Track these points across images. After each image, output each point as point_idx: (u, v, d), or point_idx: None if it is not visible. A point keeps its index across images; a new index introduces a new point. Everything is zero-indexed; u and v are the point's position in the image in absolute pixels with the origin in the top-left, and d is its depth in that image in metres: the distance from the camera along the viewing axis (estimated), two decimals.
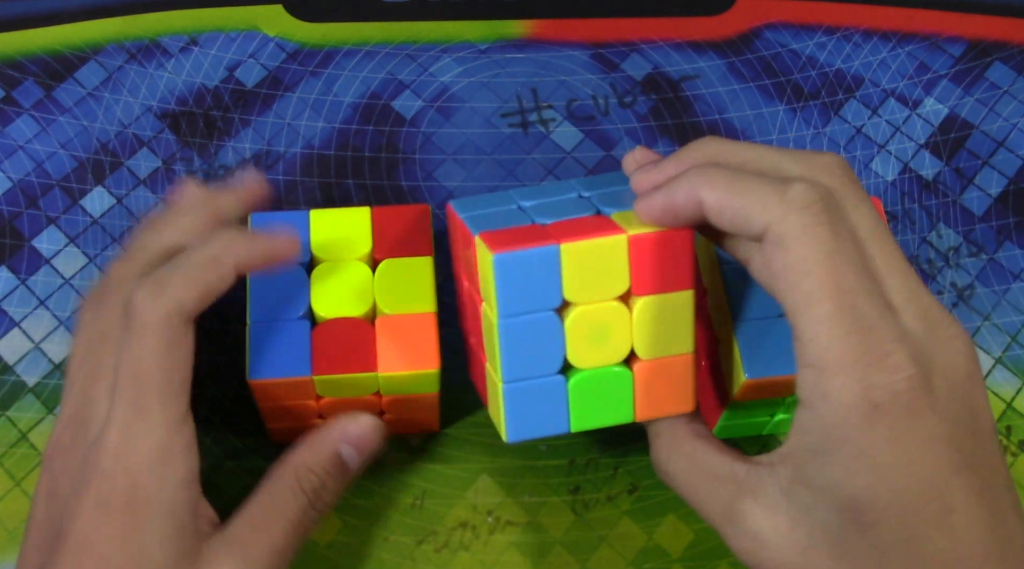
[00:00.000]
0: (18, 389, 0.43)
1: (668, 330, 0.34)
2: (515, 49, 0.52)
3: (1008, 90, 0.51)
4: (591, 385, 0.34)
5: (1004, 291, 0.47)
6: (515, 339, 0.33)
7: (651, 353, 0.34)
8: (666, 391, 0.35)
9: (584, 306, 0.33)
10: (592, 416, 0.34)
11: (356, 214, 0.39)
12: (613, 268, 0.33)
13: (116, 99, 0.50)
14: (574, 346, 0.34)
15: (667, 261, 0.34)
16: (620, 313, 0.34)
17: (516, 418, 0.34)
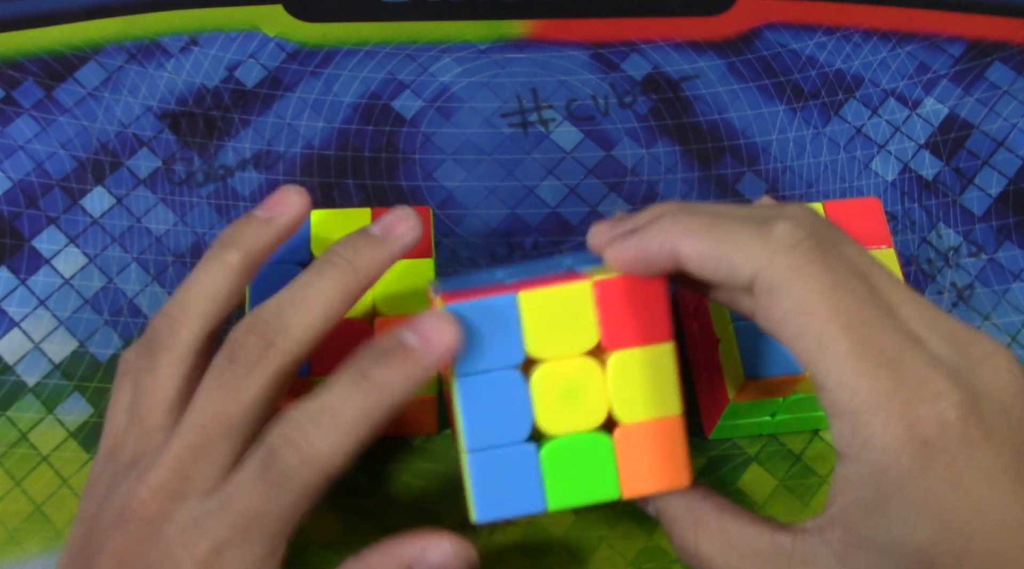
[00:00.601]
0: (18, 389, 0.43)
1: (648, 388, 0.30)
2: (515, 49, 0.52)
3: (1008, 90, 0.51)
4: (566, 454, 0.30)
5: (1004, 291, 0.47)
6: (476, 400, 0.30)
7: (631, 416, 0.31)
8: (655, 461, 0.31)
9: (550, 362, 0.30)
10: (571, 491, 0.30)
11: (357, 215, 0.39)
12: (579, 318, 0.30)
13: (116, 99, 0.50)
14: (543, 408, 0.30)
15: (640, 309, 0.30)
16: (591, 369, 0.30)
17: (485, 493, 0.30)
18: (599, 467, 0.30)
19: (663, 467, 0.31)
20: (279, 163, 0.48)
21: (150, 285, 0.45)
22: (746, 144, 0.49)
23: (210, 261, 0.34)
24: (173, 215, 0.47)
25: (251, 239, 0.35)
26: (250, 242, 0.35)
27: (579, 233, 0.47)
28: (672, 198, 0.48)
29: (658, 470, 0.30)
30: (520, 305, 0.30)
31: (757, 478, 0.42)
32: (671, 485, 0.31)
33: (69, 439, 0.42)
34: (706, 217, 0.29)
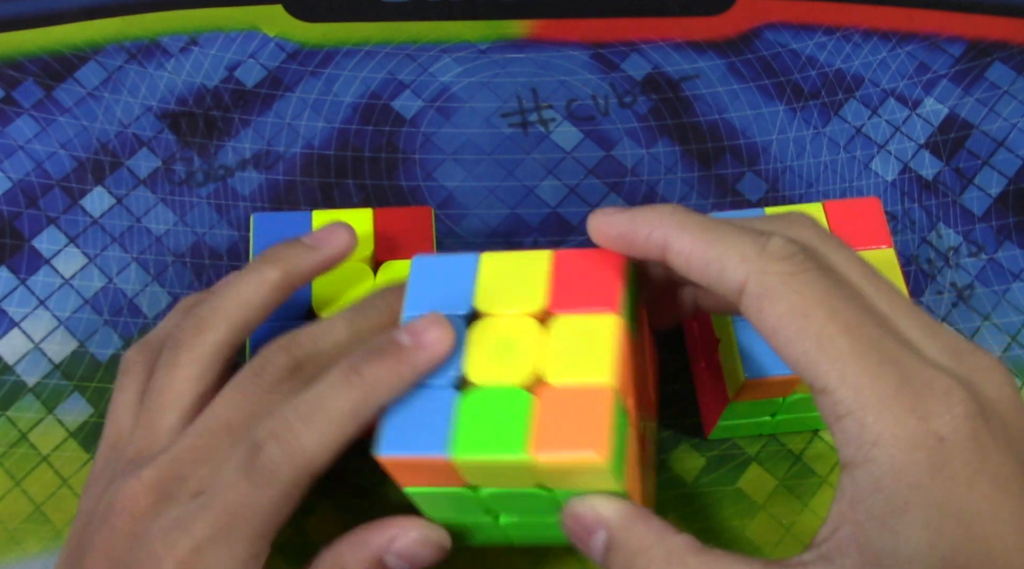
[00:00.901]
0: (18, 389, 0.43)
1: (583, 354, 0.29)
2: (515, 49, 0.52)
3: (1008, 90, 0.51)
4: (484, 405, 0.29)
5: (1004, 291, 0.47)
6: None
7: (558, 377, 0.29)
8: (573, 425, 0.28)
9: (492, 317, 0.30)
10: (478, 442, 0.28)
11: (358, 215, 0.39)
12: (532, 282, 0.30)
13: (116, 99, 0.50)
14: (474, 358, 0.29)
15: (593, 279, 0.30)
16: (530, 328, 0.30)
17: (394, 429, 0.29)
18: (513, 423, 0.28)
19: (580, 432, 0.27)
20: (279, 163, 0.48)
21: (150, 285, 0.45)
22: (746, 144, 0.49)
23: (248, 273, 0.35)
24: (173, 215, 0.47)
25: (293, 260, 0.35)
26: (292, 263, 0.35)
27: (579, 233, 0.47)
28: (672, 198, 0.48)
29: (573, 434, 0.27)
30: (480, 264, 0.31)
31: (757, 478, 0.42)
32: (584, 449, 0.27)
33: (69, 439, 0.42)
34: (703, 218, 0.28)
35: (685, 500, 0.42)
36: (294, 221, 0.39)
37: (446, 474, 0.29)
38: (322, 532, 0.41)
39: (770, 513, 0.42)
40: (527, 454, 0.27)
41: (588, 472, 0.28)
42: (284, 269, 0.35)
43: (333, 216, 0.39)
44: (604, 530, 0.28)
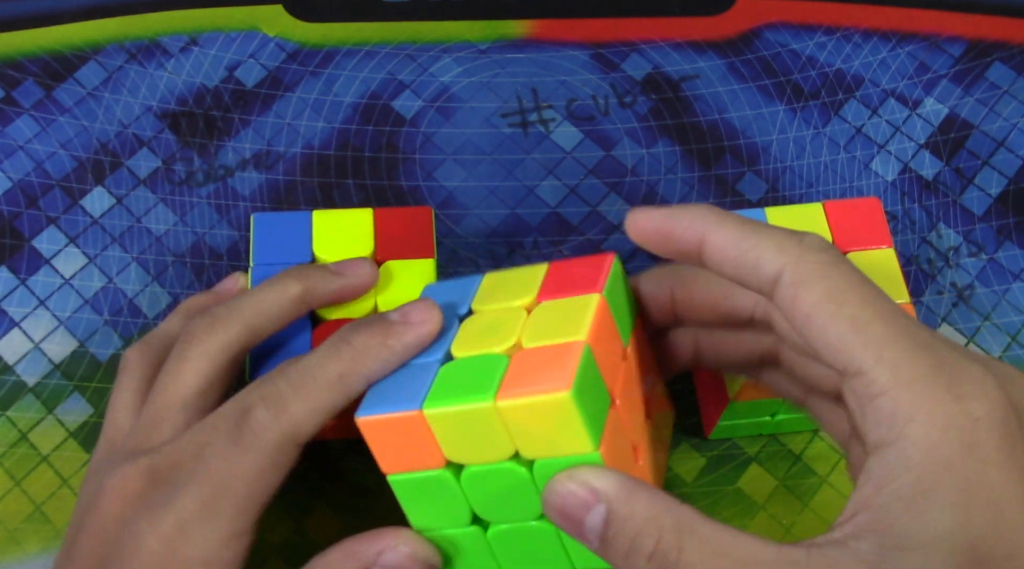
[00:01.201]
0: (18, 389, 0.43)
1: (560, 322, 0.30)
2: (515, 49, 0.52)
3: (1008, 90, 0.51)
4: (462, 368, 0.30)
5: (1004, 291, 0.47)
6: None
7: (535, 341, 0.29)
8: (540, 371, 0.28)
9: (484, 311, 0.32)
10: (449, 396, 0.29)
11: (359, 215, 0.39)
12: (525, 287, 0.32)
13: (116, 99, 0.50)
14: (461, 339, 0.31)
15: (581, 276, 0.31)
16: (516, 314, 0.31)
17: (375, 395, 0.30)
18: (485, 380, 0.28)
19: (546, 377, 0.27)
20: (279, 163, 0.48)
21: (150, 285, 0.45)
22: (746, 144, 0.49)
23: (271, 283, 0.35)
24: (173, 215, 0.47)
25: (315, 281, 0.36)
26: (314, 283, 0.36)
27: (579, 233, 0.47)
28: (672, 198, 0.48)
29: (539, 379, 0.27)
30: (482, 280, 0.33)
31: (757, 478, 0.42)
32: (548, 389, 0.27)
33: (69, 439, 0.42)
34: (739, 216, 0.29)
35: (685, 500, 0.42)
36: (294, 221, 0.39)
37: (423, 446, 0.29)
38: (322, 532, 0.41)
39: (770, 513, 0.42)
40: (493, 401, 0.27)
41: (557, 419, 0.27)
42: (306, 287, 0.35)
43: (333, 216, 0.39)
44: (602, 504, 0.27)
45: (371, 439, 0.30)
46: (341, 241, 0.39)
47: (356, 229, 0.39)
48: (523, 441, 0.28)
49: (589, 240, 0.47)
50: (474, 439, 0.29)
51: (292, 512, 0.41)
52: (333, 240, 0.39)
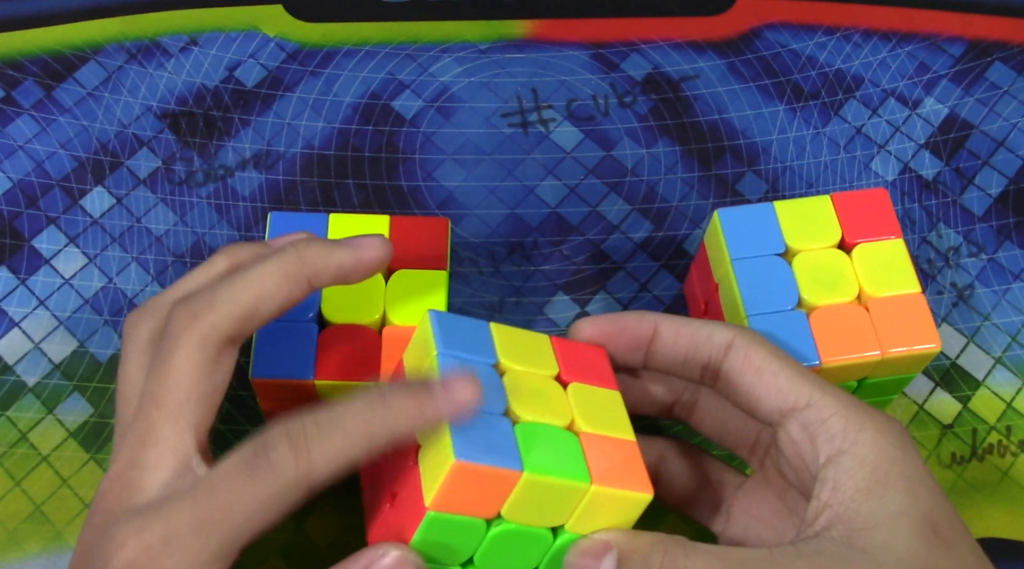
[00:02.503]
0: (18, 389, 0.43)
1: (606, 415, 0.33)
2: (515, 49, 0.52)
3: (1008, 90, 0.51)
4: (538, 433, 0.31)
5: (1004, 291, 0.47)
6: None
7: (591, 428, 0.32)
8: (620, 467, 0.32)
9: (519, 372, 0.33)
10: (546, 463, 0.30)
11: (375, 221, 0.39)
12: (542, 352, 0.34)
13: (116, 99, 0.50)
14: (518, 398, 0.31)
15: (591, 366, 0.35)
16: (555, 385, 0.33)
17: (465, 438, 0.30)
18: (571, 454, 0.31)
19: (628, 473, 0.31)
20: (279, 163, 0.48)
21: (150, 285, 0.45)
22: (746, 144, 0.49)
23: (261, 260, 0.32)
24: (173, 215, 0.47)
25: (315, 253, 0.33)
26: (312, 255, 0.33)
27: (579, 233, 0.47)
28: (672, 198, 0.48)
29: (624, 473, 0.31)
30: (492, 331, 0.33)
31: None
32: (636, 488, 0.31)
33: (69, 439, 0.42)
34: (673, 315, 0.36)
35: None
36: (310, 222, 0.38)
37: (491, 498, 0.30)
38: (322, 532, 0.41)
39: None
40: (591, 483, 0.30)
41: (626, 511, 0.32)
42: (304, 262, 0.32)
43: (350, 220, 0.38)
44: (613, 549, 0.31)
45: (453, 480, 0.29)
46: None
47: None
48: (581, 519, 0.31)
49: (589, 240, 0.47)
50: (543, 506, 0.31)
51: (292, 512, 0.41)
52: None
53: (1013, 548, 0.41)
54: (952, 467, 0.43)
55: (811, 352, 0.37)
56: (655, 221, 0.47)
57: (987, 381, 0.45)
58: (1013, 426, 0.44)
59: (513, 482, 0.29)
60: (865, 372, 0.39)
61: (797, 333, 0.37)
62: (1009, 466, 0.43)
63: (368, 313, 0.37)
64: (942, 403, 0.44)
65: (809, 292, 0.38)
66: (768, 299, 0.38)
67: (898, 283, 0.38)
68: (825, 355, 0.37)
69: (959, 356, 0.45)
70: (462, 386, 0.30)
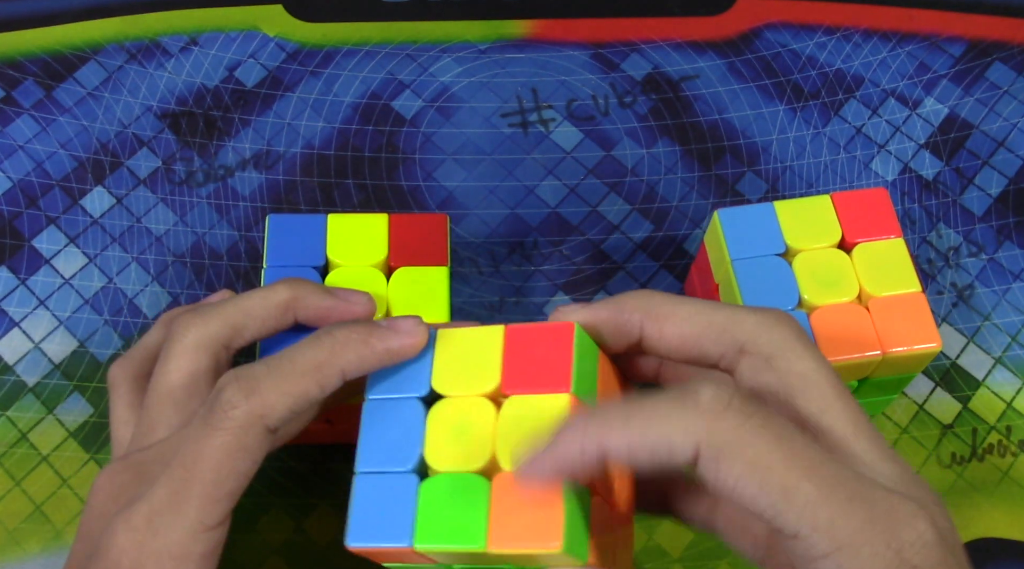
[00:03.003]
0: (18, 389, 0.43)
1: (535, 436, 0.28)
2: (515, 49, 0.52)
3: (1008, 90, 0.51)
4: (443, 492, 0.29)
5: (1004, 291, 0.47)
6: (375, 423, 0.30)
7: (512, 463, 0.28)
8: (528, 517, 0.27)
9: (450, 399, 0.30)
10: (439, 533, 0.28)
11: (374, 220, 0.39)
12: (486, 360, 0.30)
13: (116, 99, 0.50)
14: (432, 442, 0.29)
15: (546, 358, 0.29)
16: (485, 411, 0.29)
17: (361, 518, 0.29)
18: (472, 512, 0.28)
19: (536, 525, 0.27)
20: (279, 163, 0.48)
21: (150, 285, 0.45)
22: (746, 144, 0.49)
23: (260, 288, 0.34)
24: (173, 215, 0.47)
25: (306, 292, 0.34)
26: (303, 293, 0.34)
27: (579, 233, 0.47)
28: (672, 198, 0.48)
29: (530, 527, 0.27)
30: (436, 341, 0.30)
31: None
32: (541, 545, 0.27)
33: (69, 439, 0.42)
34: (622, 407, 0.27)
35: None
36: (309, 223, 0.39)
37: (416, 556, 0.29)
38: (321, 532, 0.41)
39: None
40: (486, 547, 0.28)
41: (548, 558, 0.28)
42: (295, 295, 0.34)
43: (349, 220, 0.39)
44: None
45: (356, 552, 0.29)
46: (355, 245, 0.38)
47: (371, 234, 0.39)
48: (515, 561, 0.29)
49: (589, 240, 0.47)
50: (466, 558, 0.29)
51: (292, 512, 0.41)
52: (347, 244, 0.38)
53: (1013, 548, 0.41)
54: (952, 467, 0.43)
55: None
56: (655, 221, 0.47)
57: (987, 381, 0.45)
58: (1013, 426, 0.44)
59: (408, 553, 0.29)
60: (866, 372, 0.39)
61: None
62: (1009, 466, 0.43)
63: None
64: (942, 403, 0.44)
65: (809, 292, 0.38)
66: (768, 299, 0.38)
67: (898, 282, 0.38)
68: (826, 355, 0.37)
69: (959, 356, 0.45)
70: (407, 322, 0.30)
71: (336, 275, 0.38)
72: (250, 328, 0.34)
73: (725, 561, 0.41)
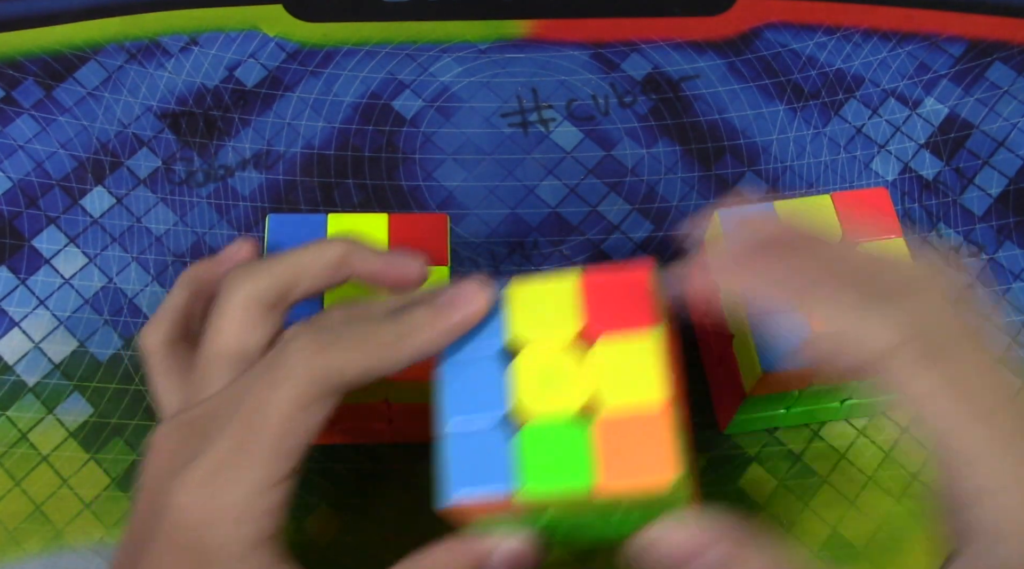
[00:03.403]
0: (18, 389, 0.43)
1: (633, 375, 0.29)
2: (515, 49, 0.52)
3: (1008, 90, 0.51)
4: (542, 441, 0.29)
5: (1004, 291, 0.47)
6: (457, 385, 0.30)
7: (613, 401, 0.29)
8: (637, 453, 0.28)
9: (533, 348, 0.30)
10: (545, 479, 0.28)
11: (374, 220, 0.39)
12: (563, 307, 0.30)
13: (116, 99, 0.50)
14: (523, 393, 0.29)
15: (625, 297, 0.30)
16: (573, 355, 0.29)
17: (460, 476, 0.29)
18: (576, 454, 0.28)
19: (646, 460, 0.28)
20: (279, 163, 0.48)
21: (150, 285, 0.45)
22: (746, 144, 0.49)
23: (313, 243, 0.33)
24: (173, 215, 0.47)
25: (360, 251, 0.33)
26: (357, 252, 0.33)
27: (579, 233, 0.47)
28: (672, 198, 0.48)
29: (640, 462, 0.28)
30: (508, 294, 0.30)
31: (757, 478, 0.42)
32: (653, 479, 0.27)
33: (69, 439, 0.42)
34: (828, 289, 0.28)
35: None
36: (309, 223, 0.38)
37: (511, 509, 0.29)
38: (322, 532, 0.41)
39: (770, 513, 0.42)
40: (595, 487, 0.28)
41: (658, 494, 0.28)
42: (348, 252, 0.33)
43: (349, 220, 0.38)
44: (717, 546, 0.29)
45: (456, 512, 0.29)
46: None
47: (371, 234, 0.38)
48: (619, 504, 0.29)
49: (589, 240, 0.47)
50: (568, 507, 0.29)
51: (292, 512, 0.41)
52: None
53: None
54: None
55: None
56: (655, 221, 0.47)
57: None
58: None
59: (506, 504, 0.29)
60: None
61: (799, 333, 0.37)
62: None
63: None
64: None
65: None
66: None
67: None
68: None
69: None
70: (466, 292, 0.30)
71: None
72: (302, 285, 0.32)
73: None
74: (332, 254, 0.32)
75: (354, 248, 0.33)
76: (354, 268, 0.33)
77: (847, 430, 0.43)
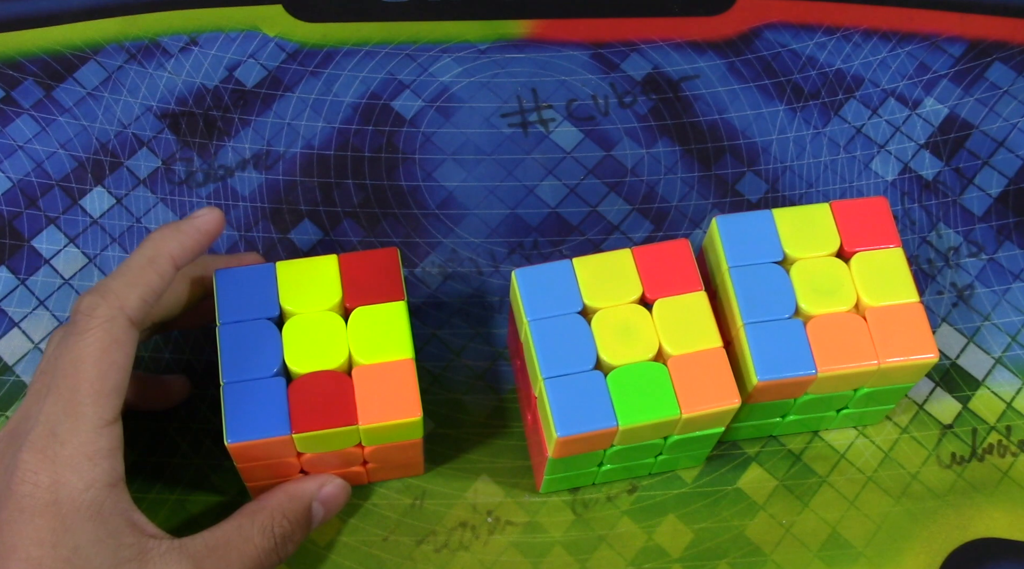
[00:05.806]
0: (18, 389, 0.43)
1: (692, 328, 0.37)
2: (515, 49, 0.52)
3: (1008, 90, 0.51)
4: (629, 380, 0.36)
5: (1004, 291, 0.47)
6: (546, 339, 0.37)
7: (678, 349, 0.37)
8: (706, 384, 0.36)
9: (607, 309, 0.37)
10: (637, 410, 0.36)
11: (323, 263, 0.38)
12: (624, 275, 0.38)
13: (116, 99, 0.50)
14: (605, 343, 0.37)
15: (674, 268, 0.38)
16: (641, 313, 0.37)
17: (563, 414, 0.36)
18: (660, 390, 0.36)
19: (715, 389, 0.36)
20: (279, 163, 0.48)
21: None
22: (746, 144, 0.49)
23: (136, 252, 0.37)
24: (173, 215, 0.47)
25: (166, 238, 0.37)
26: (164, 242, 0.37)
27: (579, 233, 0.47)
28: (672, 198, 0.48)
29: (711, 392, 0.36)
30: (575, 269, 0.38)
31: (757, 478, 0.42)
32: (725, 403, 0.36)
33: None
34: None
35: (685, 500, 0.42)
36: (257, 274, 0.38)
37: (601, 442, 0.37)
38: (322, 532, 0.41)
39: (770, 513, 0.42)
40: (680, 413, 0.36)
41: (718, 418, 0.37)
42: (157, 247, 0.36)
43: (297, 266, 0.38)
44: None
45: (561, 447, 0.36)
46: (308, 291, 0.37)
47: (322, 277, 0.38)
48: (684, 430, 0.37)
49: (589, 240, 0.47)
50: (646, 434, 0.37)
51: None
52: (300, 290, 0.37)
53: (1013, 548, 0.41)
54: (952, 467, 0.43)
55: (808, 361, 0.37)
56: (655, 221, 0.47)
57: (987, 381, 0.45)
58: (1013, 426, 0.44)
59: (612, 434, 0.36)
60: (862, 381, 0.39)
61: (794, 342, 0.37)
62: (1009, 466, 0.43)
63: (333, 358, 0.36)
64: (942, 403, 0.44)
65: (806, 300, 0.38)
66: (765, 307, 0.38)
67: (896, 292, 0.38)
68: (822, 364, 0.37)
69: (959, 356, 0.45)
70: (202, 210, 0.37)
71: (293, 324, 0.37)
72: (143, 296, 0.36)
73: (725, 561, 0.41)
74: (149, 254, 0.36)
75: (161, 240, 0.37)
76: (174, 258, 0.36)
77: (847, 430, 0.43)
